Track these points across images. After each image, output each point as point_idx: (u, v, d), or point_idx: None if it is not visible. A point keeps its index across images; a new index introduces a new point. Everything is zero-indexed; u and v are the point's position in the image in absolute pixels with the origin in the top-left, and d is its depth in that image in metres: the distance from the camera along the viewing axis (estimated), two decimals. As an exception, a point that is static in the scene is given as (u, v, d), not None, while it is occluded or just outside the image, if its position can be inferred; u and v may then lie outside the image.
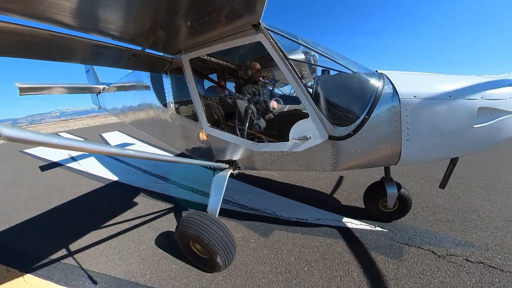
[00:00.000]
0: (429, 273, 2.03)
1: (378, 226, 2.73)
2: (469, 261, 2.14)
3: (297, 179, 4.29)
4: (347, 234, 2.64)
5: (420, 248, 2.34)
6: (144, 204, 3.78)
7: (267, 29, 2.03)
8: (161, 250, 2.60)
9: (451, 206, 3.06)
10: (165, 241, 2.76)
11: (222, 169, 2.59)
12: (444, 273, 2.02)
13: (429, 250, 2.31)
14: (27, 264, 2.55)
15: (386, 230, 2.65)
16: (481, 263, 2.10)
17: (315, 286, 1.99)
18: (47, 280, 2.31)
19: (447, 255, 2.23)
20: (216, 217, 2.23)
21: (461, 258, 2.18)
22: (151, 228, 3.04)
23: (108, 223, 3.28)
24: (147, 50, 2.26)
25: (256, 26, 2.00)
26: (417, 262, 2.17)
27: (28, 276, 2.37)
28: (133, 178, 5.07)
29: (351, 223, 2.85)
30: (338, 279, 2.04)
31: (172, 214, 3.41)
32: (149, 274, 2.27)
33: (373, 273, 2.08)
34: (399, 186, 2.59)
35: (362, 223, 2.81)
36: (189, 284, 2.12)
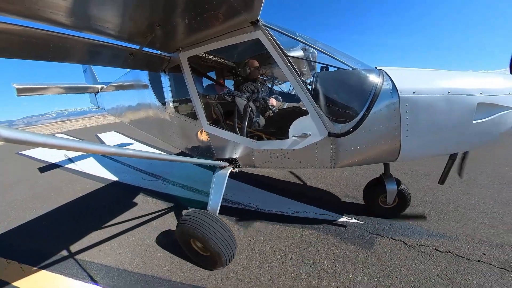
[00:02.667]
0: (396, 262, 2.11)
1: (354, 218, 2.81)
2: (438, 250, 2.21)
3: (283, 174, 4.36)
4: (323, 226, 2.73)
5: (392, 238, 2.41)
6: (138, 202, 3.85)
7: (266, 26, 2.01)
8: (148, 241, 2.75)
9: (429, 199, 3.12)
10: (153, 233, 2.89)
11: (222, 168, 2.59)
12: (412, 261, 2.10)
13: (400, 240, 2.38)
14: (25, 256, 2.69)
15: (361, 222, 2.72)
16: (449, 252, 2.18)
17: (286, 272, 2.10)
18: (42, 270, 2.44)
19: (417, 245, 2.30)
20: (217, 215, 2.23)
21: (431, 248, 2.24)
22: (146, 225, 3.13)
23: (103, 221, 3.38)
24: (145, 49, 2.24)
25: (254, 23, 1.98)
26: (387, 251, 2.25)
27: (25, 266, 2.51)
28: (126, 176, 5.13)
29: (328, 215, 2.94)
30: (308, 267, 2.14)
31: (160, 208, 3.53)
32: (136, 262, 2.42)
33: (342, 261, 2.16)
34: (398, 182, 2.60)
35: (339, 215, 2.89)
36: (171, 270, 2.27)
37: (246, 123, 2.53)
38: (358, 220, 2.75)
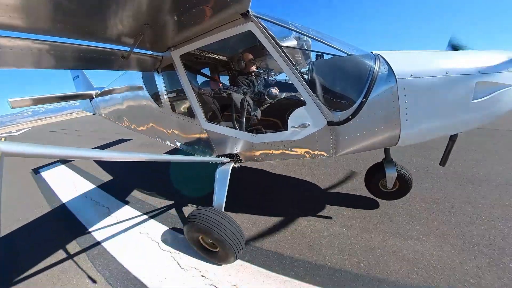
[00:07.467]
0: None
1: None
2: None
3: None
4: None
5: None
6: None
7: (257, 17, 1.97)
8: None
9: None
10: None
11: (224, 164, 2.60)
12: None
13: None
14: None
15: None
16: None
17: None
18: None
19: None
20: (223, 210, 2.26)
21: None
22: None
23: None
24: (136, 50, 2.20)
25: (245, 15, 1.93)
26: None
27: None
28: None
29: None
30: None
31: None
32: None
33: None
34: (397, 166, 2.62)
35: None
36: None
37: (244, 117, 2.52)
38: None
